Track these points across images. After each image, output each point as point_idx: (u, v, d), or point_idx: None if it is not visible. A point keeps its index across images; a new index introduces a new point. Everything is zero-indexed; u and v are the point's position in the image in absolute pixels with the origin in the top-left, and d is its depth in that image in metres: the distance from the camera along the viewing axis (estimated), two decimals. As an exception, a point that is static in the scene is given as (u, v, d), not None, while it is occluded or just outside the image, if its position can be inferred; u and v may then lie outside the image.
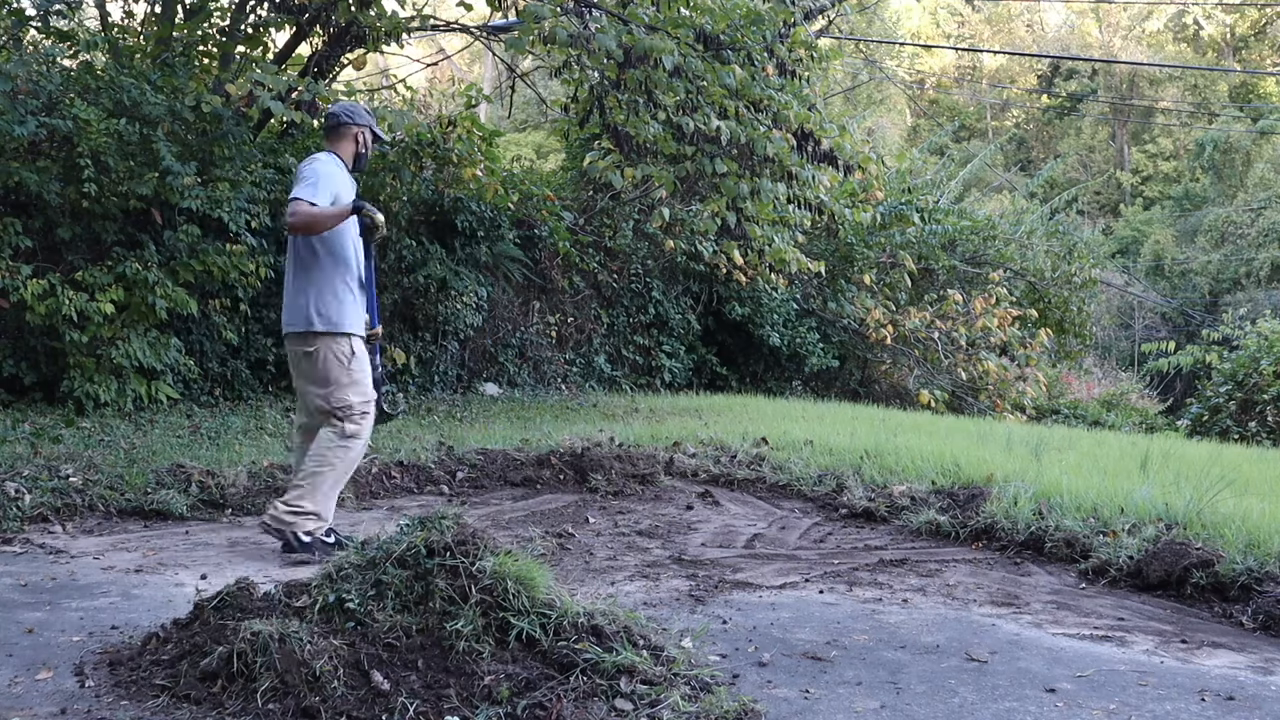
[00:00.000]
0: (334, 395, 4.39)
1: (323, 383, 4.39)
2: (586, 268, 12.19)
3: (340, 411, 4.38)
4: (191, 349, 8.50)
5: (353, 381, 4.41)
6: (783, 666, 2.98)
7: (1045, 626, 3.47)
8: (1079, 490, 4.98)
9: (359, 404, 4.43)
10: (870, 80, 31.76)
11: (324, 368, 4.38)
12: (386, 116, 9.67)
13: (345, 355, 4.40)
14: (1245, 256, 30.48)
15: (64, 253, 7.91)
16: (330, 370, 4.38)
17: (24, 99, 7.32)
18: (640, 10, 8.74)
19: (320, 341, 4.37)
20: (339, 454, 4.38)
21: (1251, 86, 38.06)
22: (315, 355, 4.38)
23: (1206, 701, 2.77)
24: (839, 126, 10.89)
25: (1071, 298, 16.90)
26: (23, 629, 3.18)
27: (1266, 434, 13.77)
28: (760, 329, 13.37)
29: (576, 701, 2.52)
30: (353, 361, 4.42)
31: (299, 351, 4.42)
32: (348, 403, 4.40)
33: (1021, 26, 44.23)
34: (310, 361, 4.40)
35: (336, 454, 4.38)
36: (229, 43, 9.26)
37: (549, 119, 18.90)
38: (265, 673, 2.53)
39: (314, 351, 4.38)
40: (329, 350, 4.38)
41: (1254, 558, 3.88)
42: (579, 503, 5.65)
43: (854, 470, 6.01)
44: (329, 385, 4.38)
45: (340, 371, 4.39)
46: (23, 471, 5.11)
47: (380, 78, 15.98)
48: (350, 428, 4.40)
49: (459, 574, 2.80)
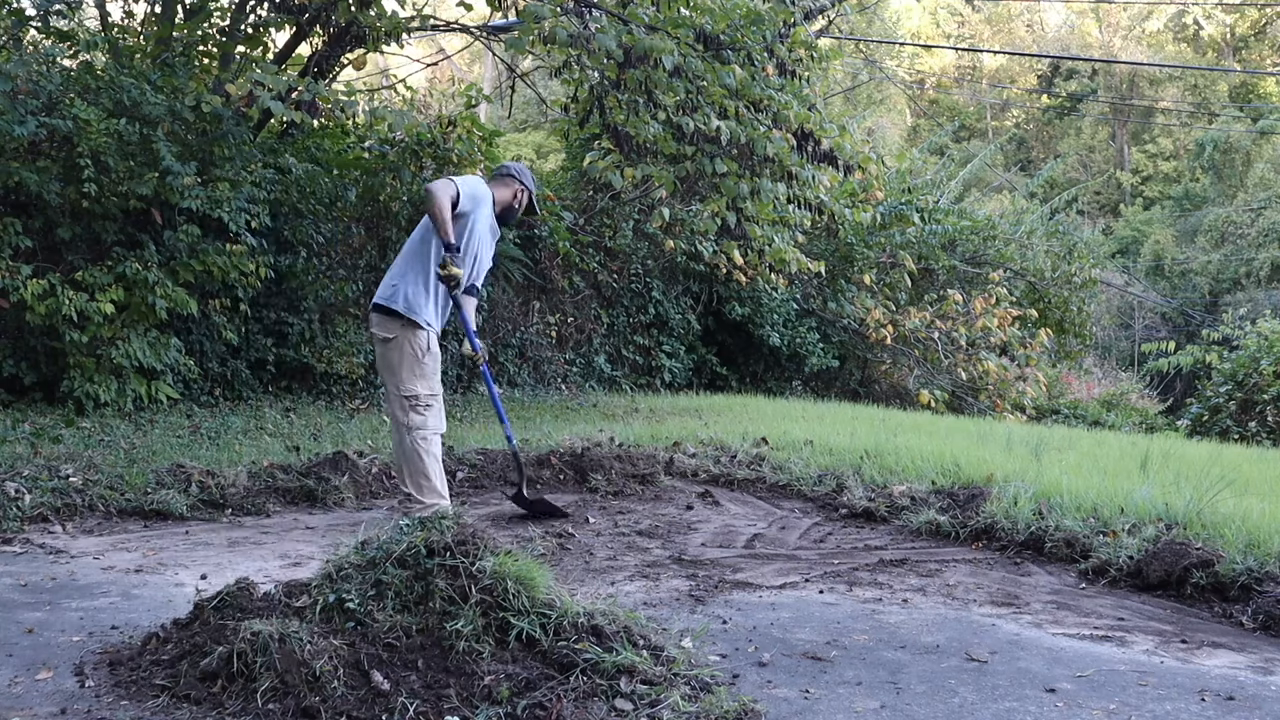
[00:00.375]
0: (403, 383, 4.74)
1: (394, 369, 4.76)
2: (586, 268, 12.19)
3: (408, 400, 4.72)
4: (191, 349, 8.50)
5: (424, 374, 4.76)
6: (783, 666, 2.98)
7: (1045, 626, 3.47)
8: (1079, 490, 4.98)
9: (425, 395, 4.76)
10: (870, 80, 31.76)
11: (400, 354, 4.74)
12: (386, 116, 9.69)
13: (420, 348, 4.75)
14: (1245, 256, 30.49)
15: (64, 253, 7.91)
16: (405, 357, 4.74)
17: (24, 99, 7.33)
18: (640, 10, 8.74)
19: (400, 329, 4.72)
20: (418, 447, 4.73)
21: (1251, 86, 38.07)
22: (395, 341, 4.74)
23: (1206, 701, 2.77)
24: (839, 126, 10.89)
25: (1071, 298, 16.90)
26: (23, 629, 3.18)
27: (1266, 434, 13.77)
28: (760, 329, 13.37)
29: (576, 701, 2.52)
30: (426, 355, 4.76)
31: (379, 336, 4.81)
32: (415, 392, 4.73)
33: (1021, 26, 44.24)
34: (387, 348, 4.77)
35: (416, 447, 4.73)
36: (229, 43, 9.26)
37: (549, 119, 18.90)
38: (265, 673, 2.53)
39: (393, 339, 4.75)
40: (407, 339, 4.73)
41: (1254, 558, 3.88)
42: (579, 503, 5.65)
43: (854, 470, 6.01)
44: (399, 372, 4.75)
45: (414, 362, 4.75)
46: (23, 471, 5.11)
47: (380, 78, 15.98)
48: (415, 418, 4.72)
49: (459, 574, 2.80)
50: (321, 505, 5.40)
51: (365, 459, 5.97)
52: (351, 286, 9.60)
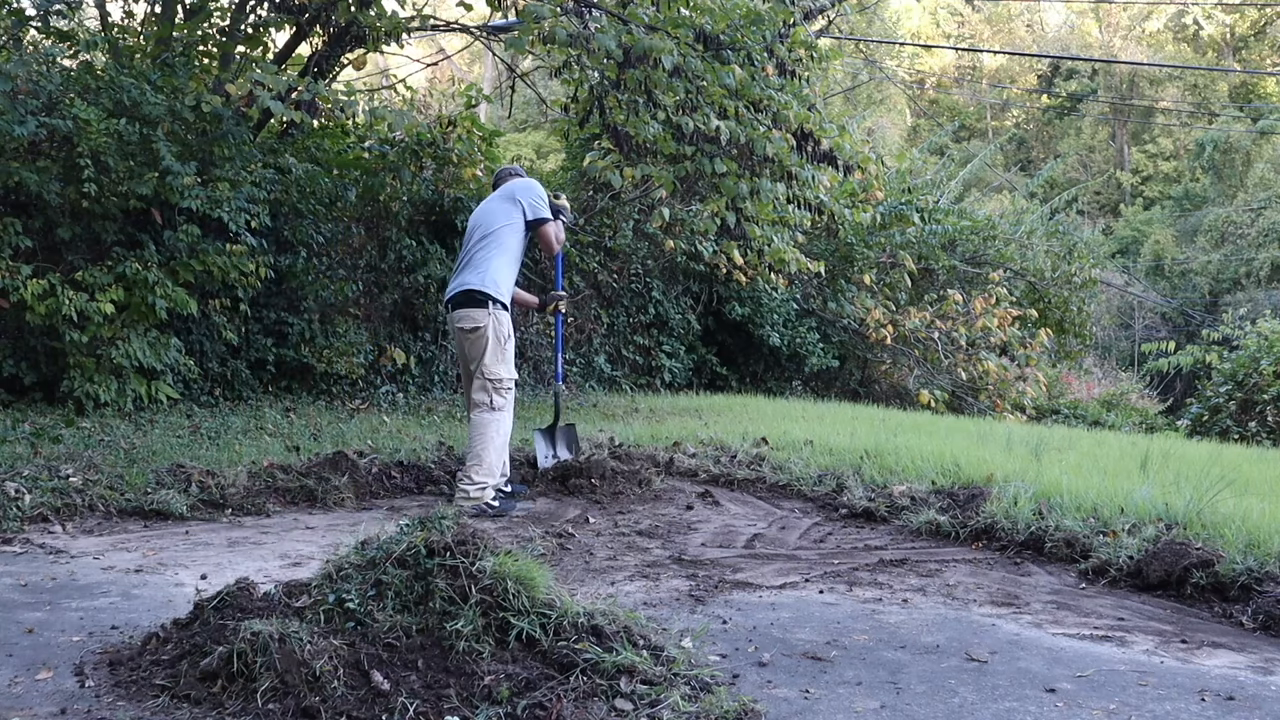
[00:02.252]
0: (488, 368, 5.23)
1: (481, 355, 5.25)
2: (586, 268, 12.19)
3: (493, 383, 5.23)
4: (191, 349, 8.50)
5: (507, 358, 5.29)
6: (783, 666, 2.98)
7: (1045, 626, 3.47)
8: (1079, 490, 4.98)
9: (508, 379, 5.31)
10: (870, 80, 31.77)
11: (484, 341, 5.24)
12: (386, 116, 9.69)
13: (504, 334, 5.26)
14: (1245, 256, 30.50)
15: (64, 253, 7.91)
16: (489, 344, 5.24)
17: (24, 99, 7.32)
18: (640, 10, 8.74)
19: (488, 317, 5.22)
20: (495, 426, 5.25)
21: (1251, 86, 38.08)
22: (481, 330, 5.23)
23: (1206, 701, 2.77)
24: (839, 126, 10.89)
25: (1071, 298, 16.90)
26: (23, 629, 3.18)
27: (1266, 434, 13.77)
28: (760, 329, 13.37)
29: (576, 701, 2.52)
30: (508, 341, 5.29)
31: (465, 327, 5.26)
32: (499, 376, 5.25)
33: (1021, 26, 44.25)
34: (475, 336, 5.25)
35: (492, 427, 5.24)
36: (229, 43, 9.26)
37: (549, 119, 18.90)
38: (265, 673, 2.53)
39: (481, 327, 5.23)
40: (493, 323, 5.23)
41: (1254, 558, 3.88)
42: (579, 503, 5.65)
43: (854, 470, 6.01)
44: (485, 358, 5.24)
45: (497, 347, 5.25)
46: (23, 471, 5.11)
47: (380, 78, 15.98)
48: (499, 400, 5.25)
49: (459, 574, 2.80)
50: (321, 505, 5.40)
51: (365, 459, 5.97)
52: (351, 286, 9.60)
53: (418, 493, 5.87)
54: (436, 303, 10.36)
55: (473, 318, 5.33)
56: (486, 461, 5.22)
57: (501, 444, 5.31)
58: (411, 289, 10.22)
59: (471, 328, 5.32)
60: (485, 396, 5.32)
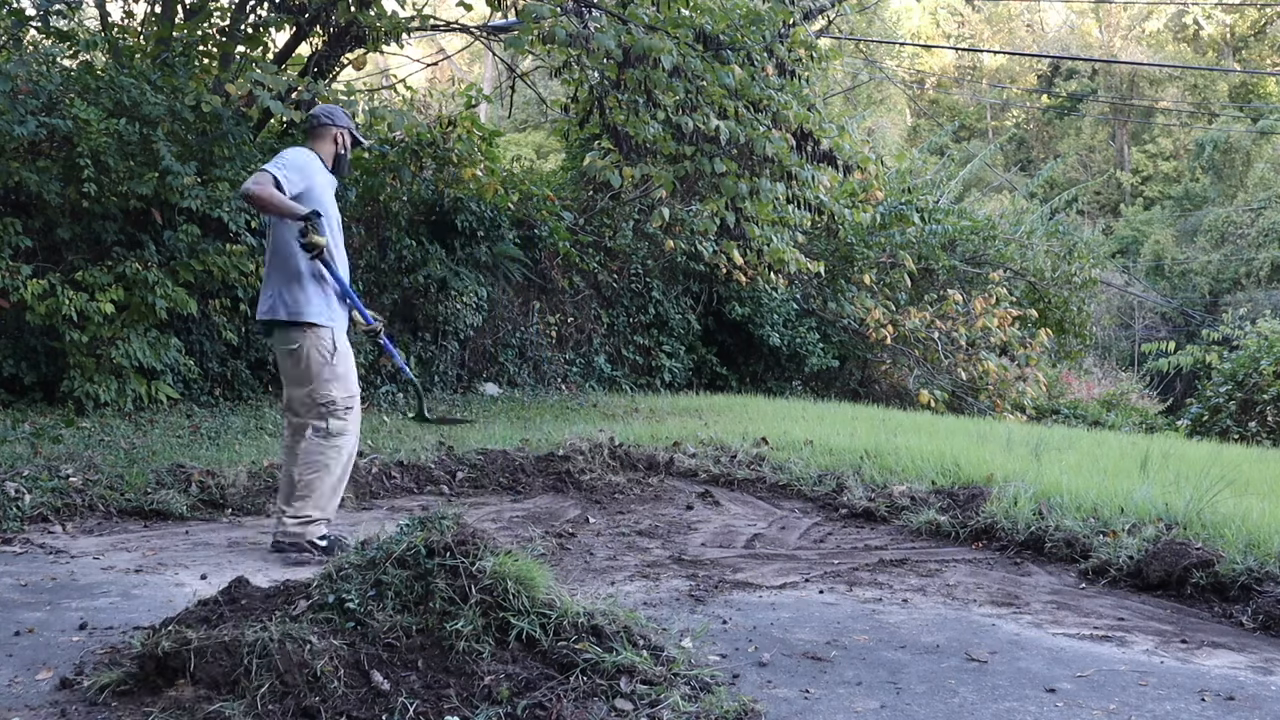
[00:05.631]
0: (317, 391, 4.31)
1: (305, 380, 4.33)
2: (586, 268, 12.19)
3: (325, 407, 4.31)
4: (191, 349, 8.50)
5: (336, 376, 4.34)
6: (783, 666, 2.98)
7: (1045, 626, 3.47)
8: (1079, 490, 4.98)
9: (343, 399, 4.35)
10: (870, 80, 31.76)
11: (306, 363, 4.31)
12: (386, 116, 9.68)
13: (327, 350, 4.33)
14: (1245, 256, 30.49)
15: (64, 253, 7.91)
16: (312, 365, 4.31)
17: (24, 99, 7.32)
18: (640, 10, 8.74)
19: (302, 336, 4.31)
20: (331, 455, 4.31)
21: (1251, 86, 38.06)
22: (299, 351, 4.31)
23: (1206, 701, 2.77)
24: (839, 126, 10.91)
25: (1071, 298, 16.90)
26: (23, 629, 3.18)
27: (1266, 434, 13.77)
28: (760, 329, 13.37)
29: (576, 701, 2.52)
30: (335, 356, 4.34)
31: (282, 349, 4.36)
32: (331, 398, 4.32)
33: (1021, 26, 44.23)
34: (293, 358, 4.33)
35: (329, 455, 4.31)
36: (229, 43, 9.26)
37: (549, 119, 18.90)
38: (265, 673, 2.53)
39: (297, 348, 4.31)
40: (311, 344, 4.31)
41: (1254, 558, 3.88)
42: (579, 502, 5.65)
43: (854, 470, 6.01)
44: (311, 381, 4.31)
45: (322, 366, 4.32)
46: (23, 471, 5.11)
47: (380, 78, 15.98)
48: (335, 424, 4.32)
49: (459, 574, 2.80)
50: (321, 505, 5.39)
51: (365, 459, 5.97)
52: (351, 286, 9.59)
53: (418, 493, 5.87)
54: (437, 303, 10.36)
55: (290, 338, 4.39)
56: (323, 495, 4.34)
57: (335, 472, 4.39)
58: (411, 289, 10.22)
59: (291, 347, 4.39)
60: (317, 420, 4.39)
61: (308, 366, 4.32)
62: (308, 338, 4.31)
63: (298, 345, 4.31)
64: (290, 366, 4.37)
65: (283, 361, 4.41)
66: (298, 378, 4.36)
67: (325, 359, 4.33)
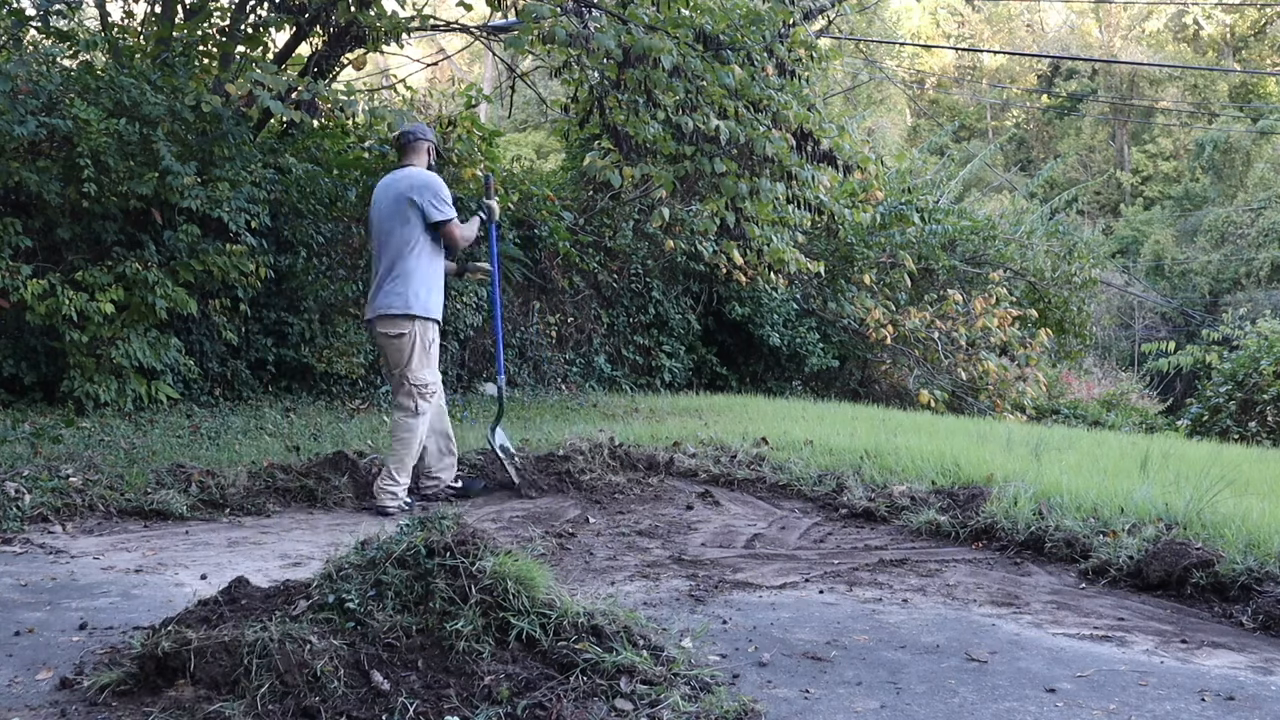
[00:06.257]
0: (414, 373, 5.23)
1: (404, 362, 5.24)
2: (586, 268, 12.19)
3: (419, 388, 5.24)
4: (191, 349, 8.50)
5: (430, 364, 5.31)
6: (783, 666, 2.98)
7: (1045, 626, 3.47)
8: (1079, 490, 4.98)
9: (433, 383, 5.34)
10: (870, 80, 31.76)
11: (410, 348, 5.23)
12: (386, 116, 9.67)
13: (429, 340, 5.28)
14: (1245, 256, 30.50)
15: (64, 253, 7.91)
16: (414, 351, 5.23)
17: (24, 99, 7.33)
18: (640, 10, 8.74)
19: (413, 325, 5.22)
20: (417, 431, 5.29)
21: (1251, 86, 38.07)
22: (405, 337, 5.21)
23: (1206, 701, 2.77)
24: (839, 126, 10.90)
25: (1071, 298, 16.90)
26: (23, 629, 3.18)
27: (1266, 434, 13.77)
28: (760, 329, 13.37)
29: (576, 701, 2.52)
30: (433, 347, 5.31)
31: (389, 333, 5.23)
32: (425, 381, 5.27)
33: (1021, 26, 44.24)
34: (400, 342, 5.23)
35: (415, 432, 5.28)
36: (229, 43, 9.26)
37: (549, 119, 18.90)
38: (265, 673, 2.53)
39: (405, 334, 5.21)
40: (418, 333, 5.24)
41: (1254, 558, 3.88)
42: (579, 502, 5.65)
43: (854, 470, 6.00)
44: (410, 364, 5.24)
45: (422, 353, 5.26)
46: (23, 471, 5.11)
47: (380, 78, 15.98)
48: (423, 404, 5.27)
49: (459, 574, 2.80)
50: (321, 505, 5.40)
51: (365, 459, 5.97)
52: (351, 286, 9.60)
53: (418, 493, 5.87)
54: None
55: (397, 325, 5.27)
56: (406, 464, 5.28)
57: (416, 446, 5.35)
58: (411, 289, 10.20)
59: (396, 334, 5.27)
60: (407, 400, 5.32)
61: (411, 350, 5.24)
62: (417, 326, 5.25)
63: (406, 332, 5.22)
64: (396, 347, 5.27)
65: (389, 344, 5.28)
66: (399, 359, 5.28)
67: (425, 347, 5.29)
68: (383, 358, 5.57)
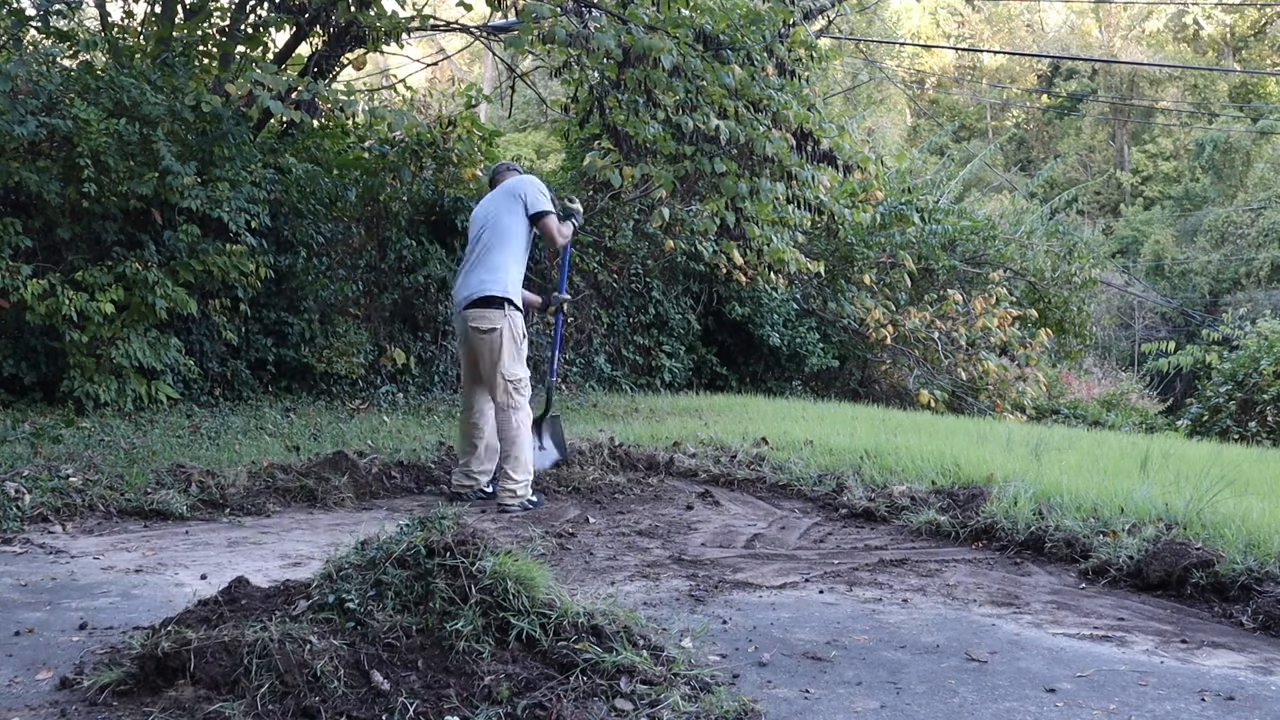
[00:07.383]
0: (508, 369, 5.27)
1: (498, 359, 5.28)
2: (586, 268, 12.19)
3: (514, 384, 5.29)
4: (191, 349, 8.50)
5: (521, 359, 5.36)
6: (783, 666, 2.98)
7: (1045, 626, 3.47)
8: (1079, 490, 4.98)
9: (526, 377, 5.39)
10: (870, 80, 31.76)
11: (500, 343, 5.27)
12: (386, 116, 9.69)
13: (519, 333, 5.34)
14: (1245, 256, 30.49)
15: (64, 253, 7.91)
16: (505, 345, 5.28)
17: (24, 99, 7.32)
18: (640, 10, 8.74)
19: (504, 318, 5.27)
20: (523, 427, 5.34)
21: (1251, 86, 38.07)
22: (496, 332, 5.25)
23: (1206, 701, 2.77)
24: (839, 126, 10.90)
25: (1071, 298, 16.90)
26: (23, 629, 3.18)
27: (1266, 434, 13.77)
28: (760, 329, 13.36)
29: (576, 701, 2.52)
30: (524, 342, 5.37)
31: (480, 329, 5.27)
32: (518, 376, 5.32)
33: (1021, 26, 44.24)
34: (491, 338, 5.26)
35: (521, 428, 5.33)
36: (229, 43, 9.26)
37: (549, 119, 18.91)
38: (265, 673, 2.53)
39: (496, 329, 5.25)
40: (509, 325, 5.28)
41: (1254, 558, 3.88)
42: (579, 503, 5.65)
43: (854, 470, 6.01)
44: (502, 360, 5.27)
45: (513, 347, 5.30)
46: (23, 471, 5.11)
47: (380, 78, 15.98)
48: (518, 399, 5.31)
49: (459, 574, 2.80)
50: (321, 505, 5.40)
51: (365, 459, 5.97)
52: (351, 286, 9.60)
53: (418, 493, 5.87)
54: (437, 303, 10.36)
55: (489, 319, 5.33)
56: (523, 459, 5.33)
57: (527, 438, 5.42)
58: (411, 289, 10.22)
59: (488, 329, 5.32)
60: (505, 397, 5.35)
61: (503, 345, 5.29)
62: (507, 319, 5.30)
63: (497, 326, 5.27)
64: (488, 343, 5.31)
65: (480, 341, 5.32)
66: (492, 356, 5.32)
67: (516, 340, 5.35)
68: (465, 357, 5.59)
